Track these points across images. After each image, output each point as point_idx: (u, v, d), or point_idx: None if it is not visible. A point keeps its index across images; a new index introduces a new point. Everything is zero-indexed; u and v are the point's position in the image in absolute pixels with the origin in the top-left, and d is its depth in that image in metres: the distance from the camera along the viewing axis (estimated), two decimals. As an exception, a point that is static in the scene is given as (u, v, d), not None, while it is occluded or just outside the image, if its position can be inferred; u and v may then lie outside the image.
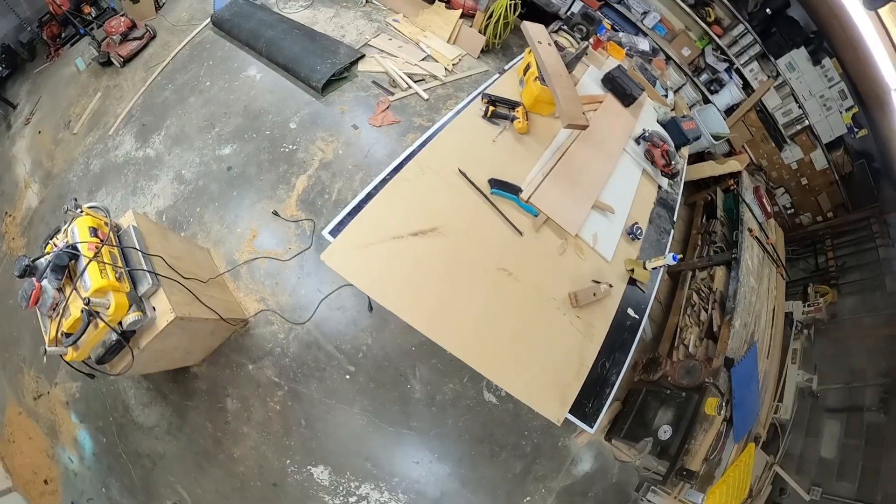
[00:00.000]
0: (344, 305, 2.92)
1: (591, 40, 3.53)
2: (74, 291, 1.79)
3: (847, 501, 3.93)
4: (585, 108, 2.71)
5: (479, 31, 4.14)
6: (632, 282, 2.39)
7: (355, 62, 3.82)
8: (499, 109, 2.45)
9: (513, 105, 2.51)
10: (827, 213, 5.75)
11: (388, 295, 1.83)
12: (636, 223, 2.59)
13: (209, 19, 4.22)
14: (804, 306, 5.14)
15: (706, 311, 3.75)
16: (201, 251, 2.98)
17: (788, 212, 5.92)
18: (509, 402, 3.00)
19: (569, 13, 4.65)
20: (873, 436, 4.12)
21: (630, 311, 2.31)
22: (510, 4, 4.02)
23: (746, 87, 5.08)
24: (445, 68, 3.95)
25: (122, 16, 4.31)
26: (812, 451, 4.38)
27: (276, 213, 3.09)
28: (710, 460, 2.99)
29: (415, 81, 3.72)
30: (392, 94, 3.63)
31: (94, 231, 1.93)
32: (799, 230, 6.00)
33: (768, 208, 4.76)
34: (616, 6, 4.86)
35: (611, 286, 2.19)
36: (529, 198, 2.22)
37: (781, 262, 4.86)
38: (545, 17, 4.41)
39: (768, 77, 4.93)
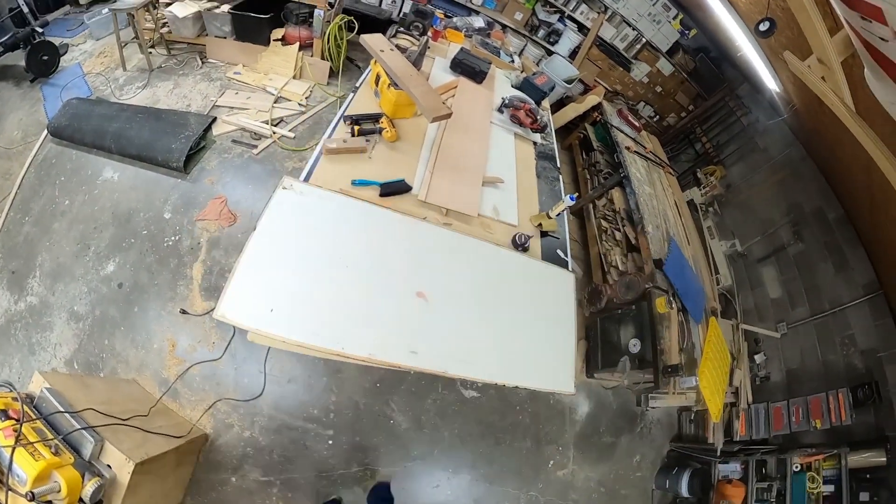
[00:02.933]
0: (293, 376, 2.82)
1: (429, 34, 3.61)
2: (10, 492, 1.54)
3: (807, 321, 4.42)
4: (444, 97, 2.79)
5: (322, 58, 4.13)
6: (543, 234, 2.49)
7: (209, 128, 3.68)
8: (364, 126, 2.45)
9: (376, 118, 2.52)
10: (688, 107, 6.36)
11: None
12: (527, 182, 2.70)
13: (46, 131, 3.82)
14: (700, 189, 5.65)
15: (619, 230, 4.00)
16: (129, 384, 2.74)
17: (655, 119, 6.45)
18: (490, 389, 3.06)
19: (401, 15, 4.76)
20: (801, 262, 4.68)
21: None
22: (343, 24, 4.05)
23: (581, 28, 5.45)
24: (299, 104, 3.92)
25: (-58, 153, 3.79)
26: (763, 298, 4.87)
27: (184, 312, 2.91)
28: (686, 348, 3.21)
29: (274, 126, 3.68)
30: (255, 146, 3.55)
31: (3, 414, 1.68)
32: (670, 130, 6.57)
33: (636, 123, 5.17)
34: None
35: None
36: (426, 198, 2.24)
37: (665, 163, 5.30)
38: (380, 25, 4.49)
39: (598, 13, 5.33)
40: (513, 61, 3.95)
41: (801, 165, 5.08)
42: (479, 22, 4.33)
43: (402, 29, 3.68)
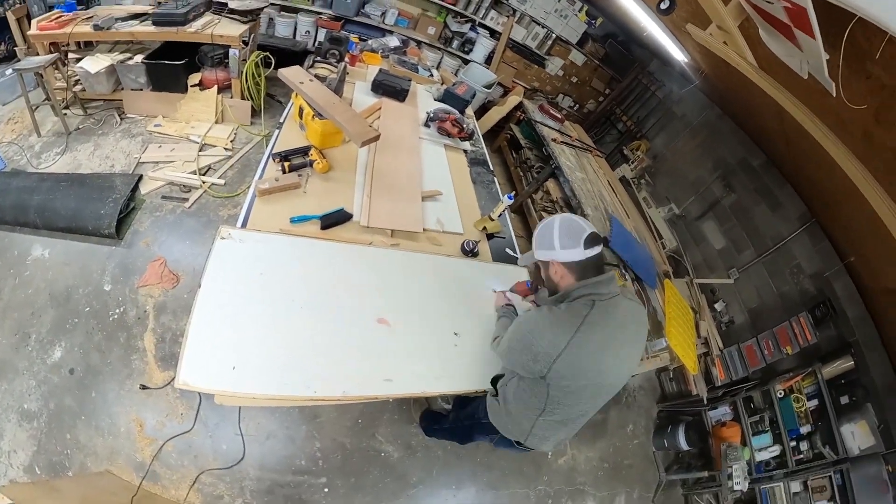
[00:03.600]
0: (271, 431, 2.67)
1: (346, 59, 3.60)
2: None
3: (755, 262, 4.68)
4: (369, 120, 2.78)
5: (242, 98, 4.04)
6: (490, 237, 2.52)
7: (136, 187, 3.47)
8: (294, 161, 2.39)
9: (304, 151, 2.46)
10: (605, 92, 6.60)
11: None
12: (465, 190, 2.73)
13: (-41, 214, 3.44)
14: (629, 165, 5.88)
15: None
16: (103, 477, 2.49)
17: (575, 108, 6.69)
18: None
19: (316, 44, 4.74)
20: (737, 210, 4.95)
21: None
22: (259, 60, 3.97)
23: (493, 33, 5.59)
24: (225, 149, 3.80)
25: None
26: (709, 251, 5.09)
27: (144, 387, 2.71)
28: (648, 314, 3.27)
29: (203, 175, 3.54)
30: (186, 199, 3.41)
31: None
32: (591, 116, 6.82)
33: (558, 115, 5.32)
34: (356, 19, 5.07)
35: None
36: (368, 222, 2.22)
37: (592, 147, 5.48)
38: (296, 57, 4.42)
39: (507, 17, 5.48)
40: (432, 75, 4.00)
41: (719, 123, 5.37)
42: (393, 41, 4.36)
43: (319, 58, 3.64)
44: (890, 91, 1.53)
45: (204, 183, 3.53)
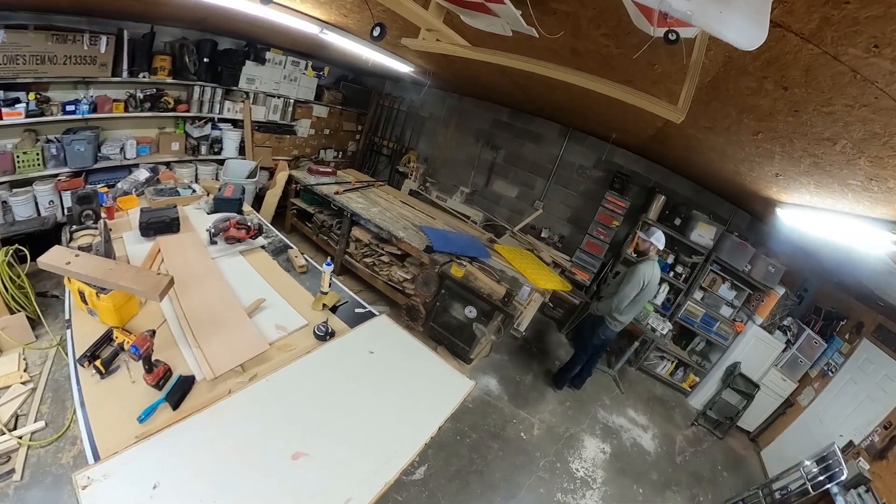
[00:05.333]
0: None
1: (103, 215, 3.05)
2: None
3: (548, 186, 5.50)
4: (154, 268, 2.47)
5: (11, 312, 3.16)
6: (334, 309, 2.48)
7: None
8: (104, 356, 1.96)
9: (108, 337, 2.04)
10: (358, 129, 6.98)
11: None
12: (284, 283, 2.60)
13: None
14: (410, 178, 6.38)
15: (382, 253, 4.30)
16: None
17: (340, 156, 6.92)
18: (427, 452, 2.93)
19: (66, 212, 3.94)
20: (511, 160, 5.82)
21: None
22: (11, 258, 3.14)
23: (236, 123, 5.37)
24: (23, 383, 2.92)
25: None
26: (510, 202, 5.89)
27: None
28: (502, 278, 3.63)
29: (13, 430, 2.66)
30: (13, 471, 2.50)
31: None
32: (357, 155, 7.18)
33: (328, 170, 5.39)
34: (96, 167, 4.33)
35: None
36: (214, 374, 1.94)
37: (371, 181, 5.76)
38: (50, 235, 3.68)
39: (242, 102, 5.32)
40: (194, 191, 3.66)
41: (462, 105, 6.17)
42: (143, 174, 3.83)
43: (75, 227, 3.00)
44: (574, 17, 1.98)
45: (21, 438, 2.60)
